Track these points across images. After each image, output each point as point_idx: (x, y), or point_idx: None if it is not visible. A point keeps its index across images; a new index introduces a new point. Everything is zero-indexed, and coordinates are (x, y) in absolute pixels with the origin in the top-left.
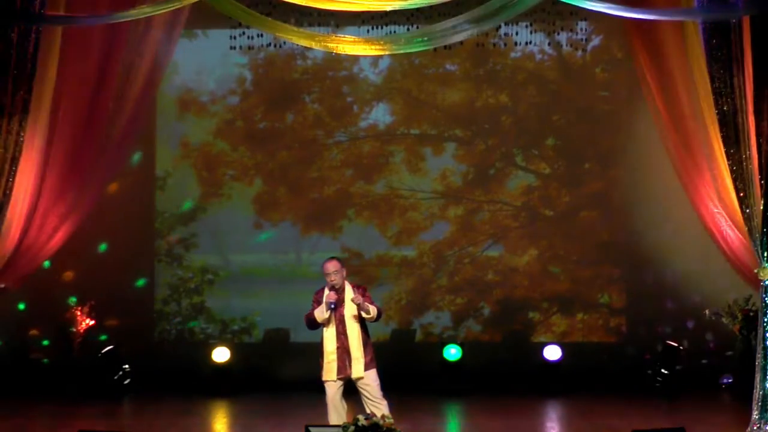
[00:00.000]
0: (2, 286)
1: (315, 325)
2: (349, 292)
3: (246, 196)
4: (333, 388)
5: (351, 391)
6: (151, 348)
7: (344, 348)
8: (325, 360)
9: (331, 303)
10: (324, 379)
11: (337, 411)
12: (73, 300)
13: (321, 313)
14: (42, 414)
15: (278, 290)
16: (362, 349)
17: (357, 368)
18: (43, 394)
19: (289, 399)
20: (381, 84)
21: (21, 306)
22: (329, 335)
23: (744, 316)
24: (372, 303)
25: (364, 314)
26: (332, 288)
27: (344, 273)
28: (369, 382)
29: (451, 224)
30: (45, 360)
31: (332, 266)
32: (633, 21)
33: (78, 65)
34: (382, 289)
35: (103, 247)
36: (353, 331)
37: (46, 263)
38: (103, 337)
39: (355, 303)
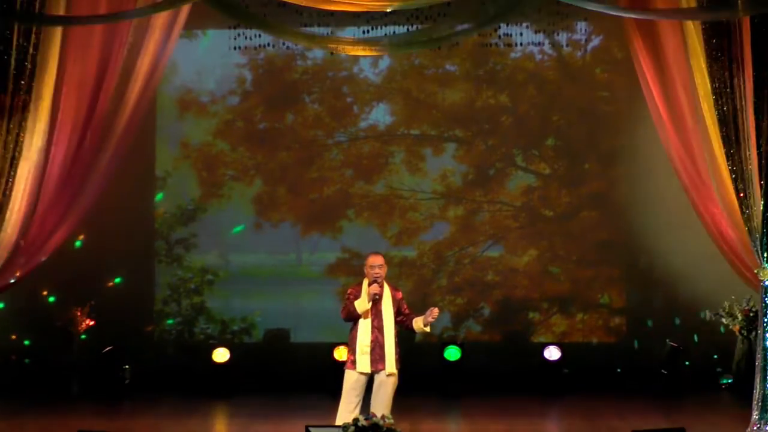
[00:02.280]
0: (12, 280)
1: (354, 317)
2: (387, 290)
3: (246, 196)
4: (356, 385)
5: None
6: (151, 348)
7: (377, 342)
8: (359, 352)
9: (375, 294)
10: (357, 370)
11: (350, 400)
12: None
13: (363, 305)
14: (42, 414)
15: (278, 290)
16: (394, 346)
17: (390, 363)
18: (43, 394)
19: (289, 399)
20: (381, 84)
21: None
22: (364, 328)
23: (744, 317)
24: (410, 312)
25: (423, 329)
26: (374, 281)
27: (386, 269)
28: (390, 381)
29: (451, 224)
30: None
31: (378, 260)
32: (633, 21)
33: (78, 65)
34: None
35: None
36: (389, 327)
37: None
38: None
39: (425, 325)
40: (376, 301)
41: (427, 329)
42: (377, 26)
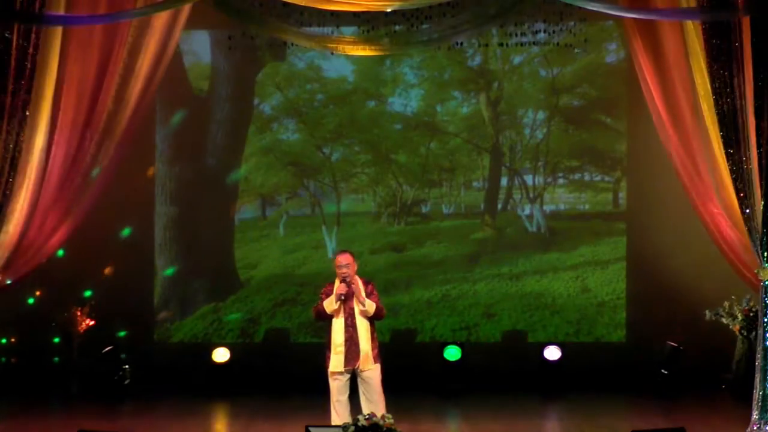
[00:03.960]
0: (8, 282)
1: (324, 317)
2: (359, 286)
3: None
4: (338, 383)
5: (352, 388)
6: (151, 348)
7: (353, 340)
8: (333, 351)
9: (341, 294)
10: (331, 370)
11: (340, 408)
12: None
13: (330, 304)
14: (42, 414)
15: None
16: (370, 342)
17: (365, 360)
18: (43, 394)
19: (289, 399)
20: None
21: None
22: (338, 327)
23: (744, 316)
24: (376, 301)
25: (359, 306)
26: (343, 280)
27: (355, 267)
28: (373, 375)
29: None
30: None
31: (344, 259)
32: (633, 21)
33: (78, 65)
34: None
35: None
36: (362, 324)
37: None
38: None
39: (349, 285)
40: (346, 299)
41: (360, 306)
42: (377, 26)
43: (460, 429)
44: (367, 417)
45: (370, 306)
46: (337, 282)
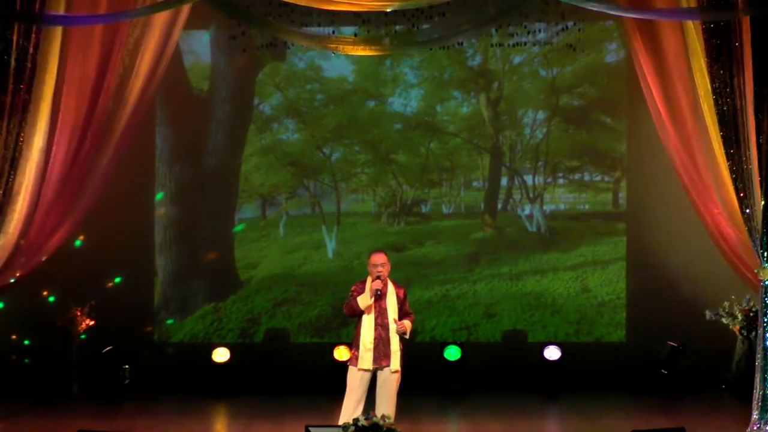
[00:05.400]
0: (12, 280)
1: (356, 313)
2: (390, 288)
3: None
4: (360, 381)
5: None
6: (151, 348)
7: (381, 339)
8: (362, 349)
9: (377, 290)
10: (359, 367)
11: (353, 397)
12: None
13: (365, 300)
14: (42, 414)
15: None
16: (398, 343)
17: (394, 361)
18: (43, 394)
19: (289, 399)
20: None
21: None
22: (367, 325)
23: (744, 316)
24: (409, 312)
25: (405, 337)
26: (377, 278)
27: (389, 267)
28: (396, 377)
29: None
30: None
31: (380, 258)
32: (633, 21)
33: (78, 65)
34: None
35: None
36: (392, 324)
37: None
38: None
39: (398, 333)
40: (379, 297)
41: (407, 337)
42: (377, 26)
43: (460, 429)
44: (366, 417)
45: (410, 327)
46: (369, 280)
